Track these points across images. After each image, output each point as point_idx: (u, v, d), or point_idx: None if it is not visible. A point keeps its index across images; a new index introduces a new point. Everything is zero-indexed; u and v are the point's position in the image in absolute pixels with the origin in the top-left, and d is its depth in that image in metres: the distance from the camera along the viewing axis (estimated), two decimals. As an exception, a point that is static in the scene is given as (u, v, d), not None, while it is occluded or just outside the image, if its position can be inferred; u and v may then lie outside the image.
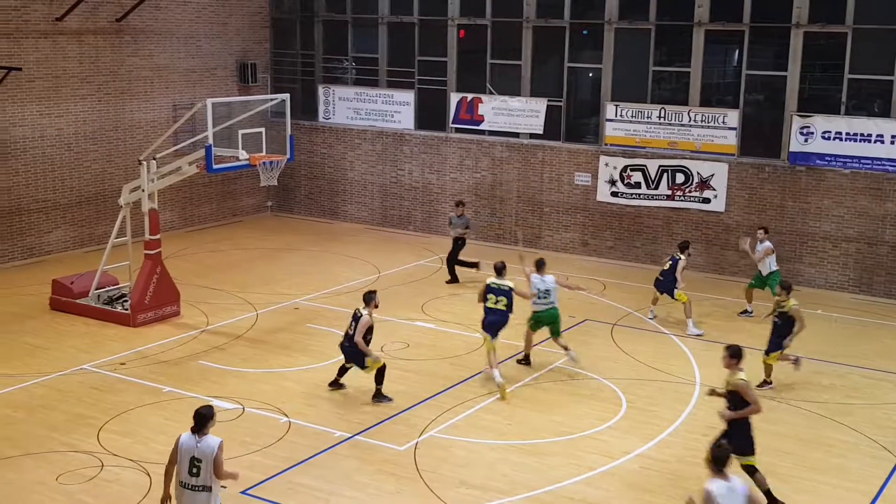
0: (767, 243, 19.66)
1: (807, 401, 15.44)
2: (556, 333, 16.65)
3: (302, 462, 12.93)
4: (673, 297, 19.00)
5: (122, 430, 13.68)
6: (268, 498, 11.94)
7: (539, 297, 16.32)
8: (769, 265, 19.65)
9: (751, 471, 11.72)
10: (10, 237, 22.67)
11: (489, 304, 15.73)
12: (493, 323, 15.69)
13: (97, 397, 14.99)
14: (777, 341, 15.55)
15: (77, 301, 18.99)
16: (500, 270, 16.07)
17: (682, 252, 19.21)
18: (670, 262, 19.19)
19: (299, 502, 11.87)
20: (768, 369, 15.86)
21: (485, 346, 15.92)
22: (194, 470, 9.58)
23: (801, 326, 15.41)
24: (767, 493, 11.81)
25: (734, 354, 11.80)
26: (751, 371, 16.72)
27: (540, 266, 16.49)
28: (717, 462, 9.37)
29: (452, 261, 21.82)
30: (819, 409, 15.10)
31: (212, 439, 9.69)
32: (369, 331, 14.67)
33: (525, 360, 16.75)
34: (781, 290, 15.63)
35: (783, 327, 15.47)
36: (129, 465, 12.66)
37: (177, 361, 16.40)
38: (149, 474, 12.37)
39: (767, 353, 15.74)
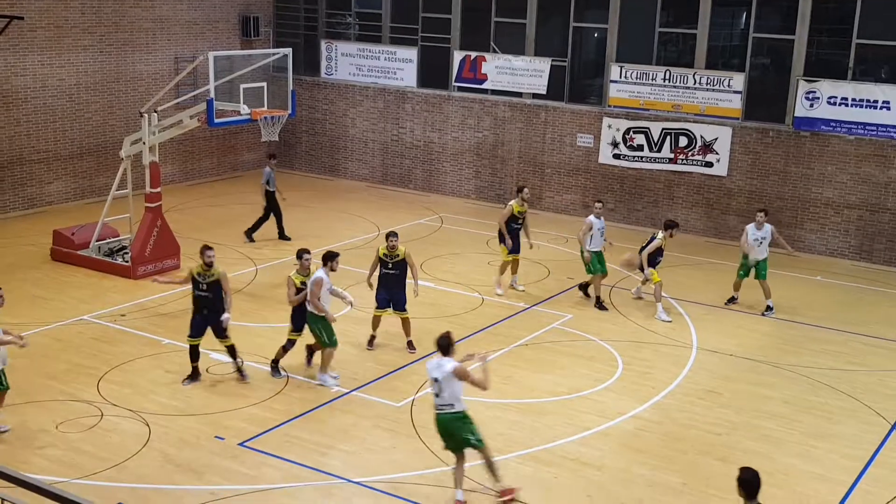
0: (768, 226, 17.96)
1: (805, 367, 15.49)
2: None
3: (299, 416, 13.00)
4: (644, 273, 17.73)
5: (122, 381, 13.74)
6: (265, 450, 12.02)
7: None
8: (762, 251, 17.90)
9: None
10: (12, 187, 22.64)
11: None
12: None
13: (97, 348, 15.04)
14: None
15: (78, 252, 19.01)
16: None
17: (665, 230, 17.65)
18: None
19: (296, 455, 11.94)
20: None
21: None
22: None
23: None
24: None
25: None
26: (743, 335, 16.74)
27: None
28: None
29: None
30: (817, 376, 15.16)
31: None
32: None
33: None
34: None
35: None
36: (129, 415, 12.72)
37: (176, 314, 16.40)
38: (147, 424, 12.45)
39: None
